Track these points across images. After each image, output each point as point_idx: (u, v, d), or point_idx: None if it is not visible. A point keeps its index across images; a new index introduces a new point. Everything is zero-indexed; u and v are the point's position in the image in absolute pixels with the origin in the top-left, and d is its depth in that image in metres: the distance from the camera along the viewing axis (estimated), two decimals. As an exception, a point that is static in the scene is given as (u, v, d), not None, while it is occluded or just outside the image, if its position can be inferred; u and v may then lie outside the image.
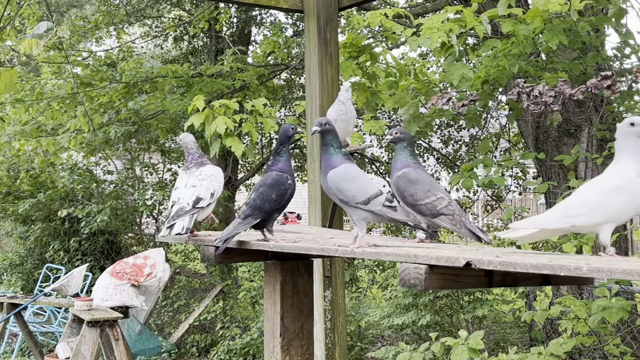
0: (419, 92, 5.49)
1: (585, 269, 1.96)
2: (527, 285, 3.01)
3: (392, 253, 2.53)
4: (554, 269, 2.03)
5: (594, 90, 3.32)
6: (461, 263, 2.24)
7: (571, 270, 1.99)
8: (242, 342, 8.38)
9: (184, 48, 12.68)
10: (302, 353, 3.39)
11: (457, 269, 2.32)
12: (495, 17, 4.85)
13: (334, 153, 2.80)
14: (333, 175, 2.72)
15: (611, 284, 5.25)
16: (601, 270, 1.94)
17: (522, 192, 12.69)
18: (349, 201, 2.70)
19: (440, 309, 7.34)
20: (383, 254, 2.56)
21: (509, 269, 2.15)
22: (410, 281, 2.38)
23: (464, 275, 2.41)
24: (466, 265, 2.24)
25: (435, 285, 2.36)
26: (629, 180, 2.27)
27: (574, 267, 1.99)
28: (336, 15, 4.90)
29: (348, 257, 8.97)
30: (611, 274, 1.92)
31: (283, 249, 2.94)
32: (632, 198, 2.26)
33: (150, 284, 7.70)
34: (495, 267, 2.18)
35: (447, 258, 2.29)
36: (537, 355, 4.96)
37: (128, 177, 10.27)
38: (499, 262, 2.18)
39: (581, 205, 2.40)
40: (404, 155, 2.97)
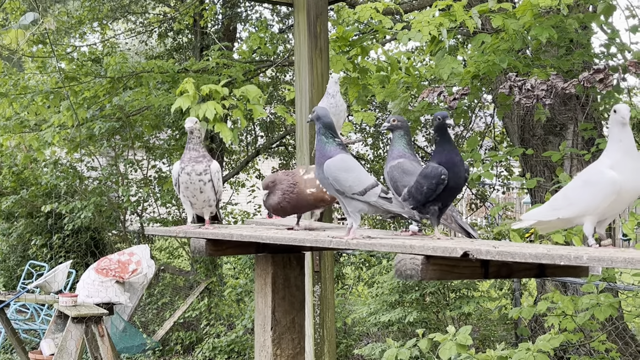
0: (410, 86, 5.49)
1: (585, 257, 1.95)
2: (522, 276, 3.00)
3: (387, 244, 2.51)
4: (553, 259, 2.02)
5: (586, 84, 3.32)
6: (458, 253, 2.22)
7: (571, 259, 1.98)
8: (227, 339, 8.34)
9: (168, 44, 12.61)
10: (293, 347, 3.36)
11: (454, 260, 2.31)
12: (486, 12, 4.85)
13: (329, 143, 2.77)
14: (330, 165, 2.69)
15: (598, 281, 5.27)
16: (602, 259, 1.93)
17: (505, 191, 12.74)
18: (346, 192, 2.67)
19: (427, 306, 7.34)
20: (378, 245, 2.54)
21: (507, 259, 2.13)
22: (407, 272, 2.37)
23: (461, 266, 2.40)
24: (463, 256, 2.22)
25: (431, 275, 2.35)
26: (598, 172, 2.29)
27: (574, 256, 1.98)
28: (326, 9, 4.87)
29: (336, 253, 8.97)
30: (612, 263, 1.91)
31: (276, 240, 2.91)
32: (599, 190, 2.26)
33: (135, 280, 7.65)
34: (494, 257, 2.17)
35: (444, 248, 2.27)
36: (525, 351, 4.96)
37: (112, 174, 10.19)
38: (496, 252, 2.16)
39: (562, 198, 2.44)
40: (400, 144, 2.95)
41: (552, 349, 5.69)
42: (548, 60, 5.73)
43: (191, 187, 3.30)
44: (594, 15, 5.82)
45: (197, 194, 3.32)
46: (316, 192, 3.16)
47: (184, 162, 3.33)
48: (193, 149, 3.33)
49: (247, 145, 12.76)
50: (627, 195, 2.25)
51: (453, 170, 2.65)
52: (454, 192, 2.71)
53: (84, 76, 8.49)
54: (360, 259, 8.98)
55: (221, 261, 9.99)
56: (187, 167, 3.30)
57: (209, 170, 3.31)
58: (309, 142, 4.72)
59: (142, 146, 10.28)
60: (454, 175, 2.65)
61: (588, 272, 2.59)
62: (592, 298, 5.00)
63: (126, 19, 13.42)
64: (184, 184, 3.31)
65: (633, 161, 2.24)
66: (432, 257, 2.33)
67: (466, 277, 2.51)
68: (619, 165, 2.25)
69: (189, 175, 3.29)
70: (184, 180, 3.30)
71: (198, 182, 3.29)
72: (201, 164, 3.31)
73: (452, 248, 2.25)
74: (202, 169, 3.30)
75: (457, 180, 2.67)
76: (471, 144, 5.23)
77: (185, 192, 3.32)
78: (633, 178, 2.23)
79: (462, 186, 2.74)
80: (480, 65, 5.07)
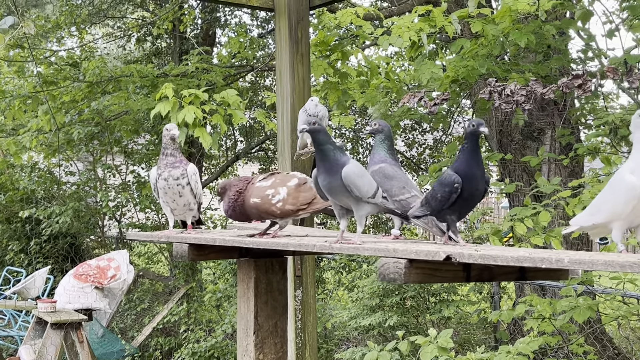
0: (390, 90, 5.52)
1: (566, 260, 1.98)
2: (504, 280, 3.03)
3: (371, 248, 2.52)
4: (535, 262, 2.04)
5: (565, 90, 3.35)
6: (441, 257, 2.24)
7: (552, 262, 2.00)
8: (206, 345, 8.31)
9: (147, 49, 12.56)
10: (275, 351, 3.36)
11: (436, 263, 2.33)
12: (465, 17, 4.90)
13: (334, 150, 2.71)
14: (349, 172, 2.65)
15: (576, 285, 5.32)
16: (582, 262, 1.95)
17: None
18: (363, 196, 2.67)
19: (407, 310, 7.37)
20: (362, 249, 2.55)
21: (489, 262, 2.16)
22: (390, 275, 2.38)
23: (443, 269, 2.42)
24: (446, 259, 2.24)
25: (414, 279, 2.37)
26: (619, 177, 2.26)
27: (555, 259, 2.00)
28: (307, 15, 4.88)
29: (317, 257, 8.97)
30: (592, 266, 1.94)
31: (259, 244, 2.92)
32: (620, 195, 2.24)
33: (114, 286, 7.61)
34: (476, 261, 2.19)
35: (427, 252, 2.29)
36: (505, 354, 5.00)
37: (90, 179, 10.12)
38: (479, 255, 2.18)
39: (594, 204, 2.41)
40: (382, 149, 2.96)
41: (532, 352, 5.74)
42: (526, 66, 5.79)
43: (169, 192, 3.30)
44: (571, 21, 5.90)
45: (176, 198, 3.31)
46: (260, 203, 3.03)
47: (160, 167, 3.33)
48: (170, 155, 3.34)
49: (226, 150, 12.75)
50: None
51: (470, 180, 2.60)
52: (469, 203, 2.67)
53: (62, 80, 8.43)
54: (341, 263, 8.99)
55: (200, 266, 9.95)
56: (164, 173, 3.30)
57: (186, 174, 3.31)
58: (290, 147, 4.73)
59: (121, 151, 10.23)
60: (470, 186, 2.60)
61: (568, 275, 2.62)
62: (570, 301, 5.05)
63: (105, 24, 13.35)
64: (162, 190, 3.30)
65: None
66: (415, 261, 2.35)
67: (449, 280, 2.54)
68: (637, 167, 2.23)
69: (166, 180, 3.29)
70: (161, 186, 3.30)
71: (176, 187, 3.29)
72: (178, 168, 3.31)
73: (435, 252, 2.27)
74: (179, 173, 3.30)
75: (473, 191, 2.62)
76: (451, 150, 5.26)
77: (164, 197, 3.32)
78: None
79: (479, 198, 2.67)
80: (460, 70, 5.11)
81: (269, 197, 3.01)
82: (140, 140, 10.93)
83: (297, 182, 3.09)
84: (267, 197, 3.01)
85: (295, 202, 3.02)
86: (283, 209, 3.00)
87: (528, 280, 2.67)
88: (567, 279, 2.71)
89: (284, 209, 3.00)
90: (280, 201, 3.00)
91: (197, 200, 3.38)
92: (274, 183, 3.06)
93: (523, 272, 2.58)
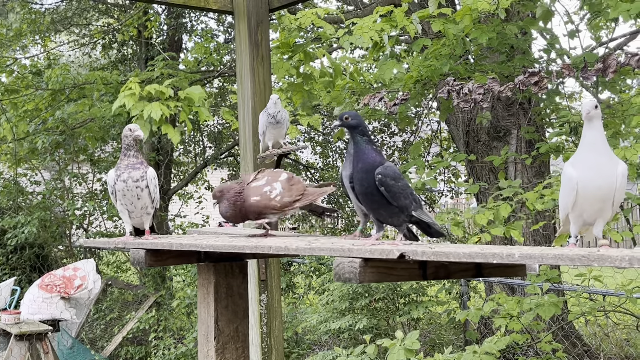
0: (355, 91, 5.52)
1: (517, 255, 1.97)
2: (460, 277, 3.02)
3: (326, 248, 2.50)
4: (486, 257, 2.03)
5: (521, 87, 3.37)
6: (395, 255, 2.23)
7: (503, 257, 1.99)
8: (177, 352, 8.24)
9: (112, 56, 12.45)
10: (237, 356, 3.32)
11: (391, 262, 2.31)
12: (426, 17, 4.90)
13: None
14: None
15: (541, 282, 5.35)
16: (533, 256, 1.94)
17: (454, 196, 12.87)
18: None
19: (376, 311, 7.35)
20: (317, 249, 2.52)
21: (442, 258, 2.14)
22: (345, 275, 2.36)
23: (399, 268, 2.40)
24: (400, 257, 2.22)
25: (369, 278, 2.34)
26: (563, 171, 2.27)
27: (506, 254, 2.00)
28: (267, 17, 4.85)
29: (287, 262, 8.94)
30: (543, 260, 1.93)
31: (216, 248, 2.88)
32: (564, 188, 2.26)
33: (81, 296, 7.51)
34: (429, 258, 2.18)
35: (381, 250, 2.27)
36: (472, 354, 5.01)
37: (56, 188, 10.00)
38: (432, 252, 2.17)
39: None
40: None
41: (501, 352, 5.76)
42: (490, 66, 5.82)
43: (128, 194, 3.24)
44: (533, 20, 5.94)
45: (134, 200, 3.26)
46: (260, 200, 3.15)
47: (119, 169, 3.27)
48: (133, 156, 3.28)
49: (195, 157, 12.66)
50: (594, 192, 2.18)
51: (356, 175, 2.59)
52: (364, 198, 2.62)
53: (24, 89, 8.32)
54: (311, 267, 8.96)
55: (170, 274, 9.87)
56: (124, 174, 3.24)
57: (145, 177, 3.25)
58: (252, 151, 4.70)
59: (87, 159, 10.12)
60: (357, 181, 2.59)
61: (525, 272, 2.62)
62: (536, 299, 5.07)
63: (69, 31, 13.21)
64: (121, 192, 3.25)
65: (595, 156, 2.19)
66: (370, 260, 2.33)
67: (405, 278, 2.52)
68: (579, 161, 2.22)
69: (125, 182, 3.23)
70: (120, 187, 3.24)
71: (135, 189, 3.23)
72: (138, 170, 3.25)
73: (389, 250, 2.25)
74: (138, 175, 3.24)
75: (359, 187, 2.59)
76: (415, 151, 5.27)
77: (122, 199, 3.26)
78: (592, 173, 2.18)
79: (372, 192, 2.56)
80: (423, 69, 5.12)
81: (267, 193, 3.15)
82: (107, 147, 10.82)
83: (287, 176, 3.24)
84: (266, 194, 3.15)
85: (291, 194, 3.18)
86: (282, 202, 3.15)
87: (485, 277, 2.66)
88: (525, 275, 2.71)
89: (283, 201, 3.15)
90: (278, 195, 3.16)
91: (154, 205, 3.33)
92: (267, 180, 3.21)
93: (479, 268, 2.57)
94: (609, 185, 2.16)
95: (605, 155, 2.19)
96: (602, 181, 2.17)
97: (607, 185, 2.16)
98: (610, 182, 2.16)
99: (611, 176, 2.16)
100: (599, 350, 7.39)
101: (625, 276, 5.79)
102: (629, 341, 7.68)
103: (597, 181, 2.17)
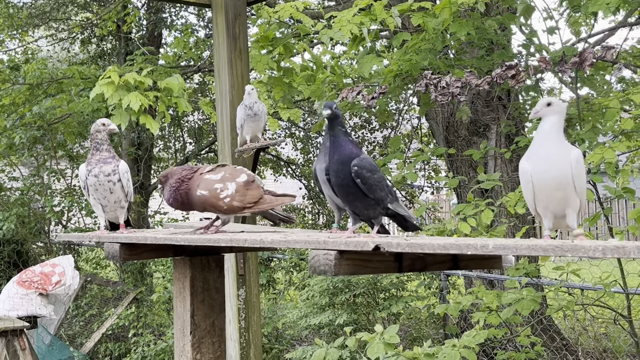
0: (336, 85, 5.50)
1: (491, 246, 1.97)
2: (437, 269, 3.01)
3: (301, 240, 2.48)
4: (460, 248, 2.03)
5: (499, 80, 3.37)
6: (370, 247, 2.21)
7: (477, 248, 1.99)
8: (157, 348, 8.19)
9: (92, 51, 12.35)
10: (213, 350, 3.30)
11: (367, 254, 2.30)
12: (406, 11, 4.89)
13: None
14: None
15: (520, 276, 5.37)
16: (507, 247, 1.94)
17: (434, 192, 12.92)
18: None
19: (356, 306, 7.35)
20: (292, 242, 2.51)
21: (416, 250, 2.14)
22: (320, 268, 2.34)
23: (374, 260, 2.39)
24: (375, 249, 2.21)
25: (345, 271, 2.33)
26: (519, 166, 2.30)
27: (480, 245, 1.99)
28: (244, 10, 4.82)
29: (267, 258, 8.91)
30: (516, 250, 1.93)
31: (190, 241, 2.85)
32: (522, 182, 2.29)
33: (59, 292, 7.47)
34: (404, 249, 2.17)
35: (356, 242, 2.26)
36: (451, 347, 5.01)
37: (34, 184, 9.90)
38: (407, 244, 2.16)
39: None
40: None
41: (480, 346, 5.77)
42: (469, 61, 5.82)
43: (100, 188, 3.21)
44: (512, 16, 5.95)
45: (107, 195, 3.22)
46: (207, 196, 2.94)
47: (90, 164, 3.23)
48: (106, 150, 3.25)
49: (175, 152, 12.60)
50: (549, 182, 2.20)
51: (332, 167, 2.58)
52: (340, 190, 2.60)
53: (1, 83, 8.23)
54: (291, 263, 8.94)
55: (150, 270, 9.81)
56: (95, 169, 3.21)
57: (117, 171, 3.22)
58: (230, 145, 4.67)
59: (66, 155, 10.03)
60: (333, 173, 2.57)
61: (501, 264, 2.62)
62: (515, 293, 5.08)
63: (48, 26, 13.09)
64: (93, 187, 3.21)
65: (547, 147, 2.22)
66: (346, 252, 2.31)
67: (381, 271, 2.51)
68: (533, 154, 2.25)
69: (96, 177, 3.20)
70: (91, 182, 3.21)
71: (107, 183, 3.19)
72: (109, 164, 3.22)
73: (364, 242, 2.24)
74: (110, 169, 3.21)
75: (335, 178, 2.57)
76: (394, 144, 5.26)
77: (95, 194, 3.23)
78: (545, 164, 2.20)
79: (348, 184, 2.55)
80: (403, 63, 5.10)
81: (217, 191, 2.93)
82: (86, 143, 10.73)
83: (247, 179, 3.00)
84: (215, 191, 2.93)
85: (243, 200, 2.94)
86: (230, 205, 2.93)
87: (462, 269, 2.66)
88: (500, 267, 2.71)
89: (231, 205, 2.92)
90: (228, 197, 2.92)
91: (127, 198, 3.30)
92: (223, 177, 2.97)
93: (456, 261, 2.57)
94: (563, 173, 2.18)
95: (557, 145, 2.21)
96: (555, 170, 2.19)
97: (561, 173, 2.18)
98: (563, 170, 2.18)
99: (564, 164, 2.18)
100: (578, 344, 7.44)
101: (600, 269, 5.82)
102: (607, 335, 7.73)
103: (551, 171, 2.19)
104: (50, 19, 12.53)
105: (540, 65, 3.35)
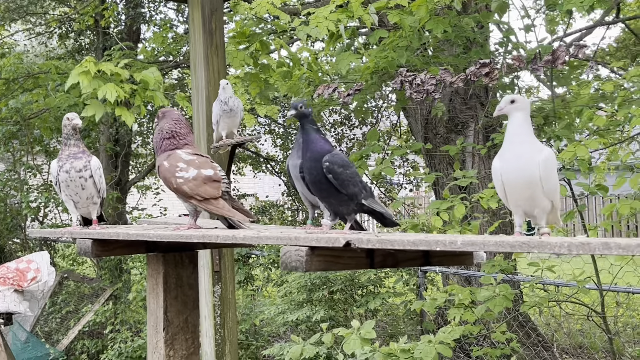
0: (312, 81, 5.50)
1: (459, 242, 1.98)
2: (408, 265, 3.02)
3: (273, 237, 2.49)
4: (429, 244, 2.04)
5: (473, 78, 3.38)
6: (341, 243, 2.22)
7: (446, 244, 2.00)
8: (134, 345, 8.15)
9: (69, 46, 12.25)
10: (187, 347, 3.29)
11: (338, 250, 2.30)
12: (383, 8, 4.90)
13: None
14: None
15: (495, 273, 5.40)
16: (475, 243, 1.95)
17: (413, 189, 12.96)
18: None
19: (333, 302, 7.36)
20: (264, 237, 2.51)
21: (386, 246, 2.14)
22: (292, 264, 2.35)
23: (345, 256, 2.40)
24: (346, 245, 2.22)
25: (316, 267, 2.33)
26: (492, 164, 2.32)
27: (449, 241, 2.00)
28: (221, 5, 4.81)
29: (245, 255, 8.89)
30: (484, 246, 1.94)
31: (163, 237, 2.84)
32: (494, 180, 2.30)
33: (35, 288, 7.39)
34: (374, 245, 2.18)
35: (327, 239, 2.26)
36: (427, 343, 5.04)
37: (10, 180, 9.81)
38: (377, 240, 2.17)
39: None
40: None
41: (457, 342, 5.80)
42: (446, 59, 5.84)
43: (72, 184, 3.18)
44: (489, 14, 5.98)
45: (79, 191, 3.20)
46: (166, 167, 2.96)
47: (61, 159, 3.21)
48: (74, 145, 3.22)
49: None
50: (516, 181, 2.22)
51: (305, 164, 2.59)
52: (314, 187, 2.61)
53: (-25, 78, 8.16)
54: (269, 259, 8.94)
55: (127, 267, 9.76)
56: (66, 165, 3.18)
57: (89, 166, 3.19)
58: (206, 141, 4.66)
59: (42, 150, 9.95)
60: (306, 170, 2.59)
61: (472, 260, 2.63)
62: (489, 290, 5.11)
63: (25, 20, 12.97)
64: (64, 183, 3.19)
65: (517, 146, 2.23)
66: (317, 248, 2.32)
67: (352, 267, 2.51)
68: (502, 152, 2.27)
69: (67, 173, 3.17)
70: (63, 178, 3.18)
71: (79, 179, 3.17)
72: (80, 160, 3.19)
73: (335, 238, 2.24)
74: (81, 165, 3.18)
75: (308, 176, 2.59)
76: (372, 138, 5.27)
77: (66, 190, 3.20)
78: (514, 163, 2.22)
79: (320, 181, 2.56)
80: (380, 60, 5.11)
81: (177, 168, 2.93)
82: (63, 139, 10.63)
83: (212, 173, 2.96)
84: (175, 167, 2.93)
85: (194, 189, 2.90)
86: (179, 187, 2.91)
87: (433, 265, 2.67)
88: (472, 263, 2.72)
89: (181, 187, 2.91)
90: (182, 179, 2.91)
91: (100, 194, 3.28)
92: (191, 161, 2.96)
93: (427, 257, 2.59)
94: (530, 173, 2.19)
95: (527, 144, 2.23)
96: (521, 170, 2.20)
97: (528, 173, 2.19)
98: (530, 170, 2.19)
99: (532, 164, 2.19)
100: (553, 340, 7.50)
101: (572, 265, 5.87)
102: (582, 331, 7.80)
103: (518, 171, 2.21)
104: (27, 13, 12.41)
105: (514, 63, 3.37)
